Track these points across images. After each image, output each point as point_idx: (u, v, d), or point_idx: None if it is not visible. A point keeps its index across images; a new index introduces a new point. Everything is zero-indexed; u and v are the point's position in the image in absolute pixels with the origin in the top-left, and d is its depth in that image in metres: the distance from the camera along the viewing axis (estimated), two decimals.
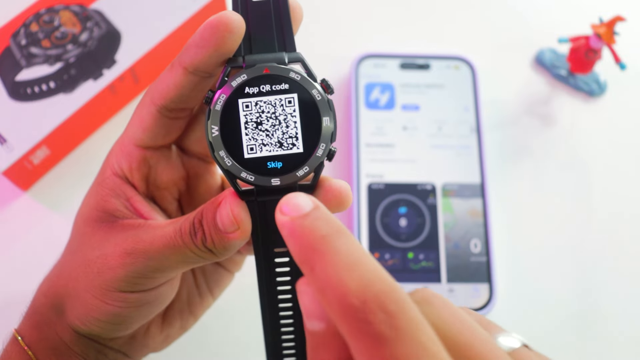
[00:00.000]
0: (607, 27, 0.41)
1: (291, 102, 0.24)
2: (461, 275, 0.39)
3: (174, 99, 0.26)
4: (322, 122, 0.24)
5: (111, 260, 0.26)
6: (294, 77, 0.24)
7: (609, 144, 0.45)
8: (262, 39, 0.25)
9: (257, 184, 0.24)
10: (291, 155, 0.24)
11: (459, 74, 0.45)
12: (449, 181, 0.42)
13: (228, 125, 0.24)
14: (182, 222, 0.26)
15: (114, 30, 0.42)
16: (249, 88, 0.24)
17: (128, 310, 0.28)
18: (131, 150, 0.28)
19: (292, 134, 0.24)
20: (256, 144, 0.24)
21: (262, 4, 0.24)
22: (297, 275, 0.26)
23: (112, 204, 0.28)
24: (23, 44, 0.41)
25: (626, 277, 0.41)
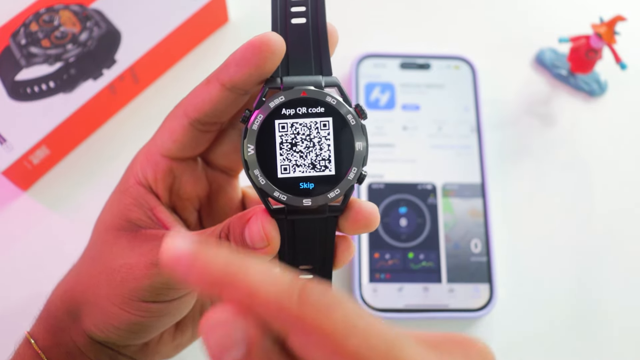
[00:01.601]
0: (608, 27, 0.41)
1: (326, 126, 0.25)
2: (461, 275, 0.39)
3: (208, 113, 0.26)
4: (355, 147, 0.25)
5: (136, 270, 0.26)
6: (329, 102, 0.25)
7: (610, 143, 0.45)
8: (300, 62, 0.25)
9: (289, 203, 0.24)
10: (323, 177, 0.25)
11: (459, 73, 0.45)
12: (449, 181, 0.42)
13: (263, 145, 0.24)
14: (208, 235, 0.26)
15: (113, 29, 0.42)
16: (285, 110, 0.24)
17: (149, 319, 0.28)
18: (158, 160, 0.28)
19: (325, 157, 0.25)
20: (290, 164, 0.25)
21: (301, 26, 0.25)
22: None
23: (135, 213, 0.28)
24: (23, 43, 0.41)
25: (627, 276, 0.41)
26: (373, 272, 0.39)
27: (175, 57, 0.45)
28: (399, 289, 0.39)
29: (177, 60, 0.46)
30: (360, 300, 0.38)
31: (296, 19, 0.25)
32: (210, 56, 0.46)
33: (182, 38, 0.44)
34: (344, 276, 0.40)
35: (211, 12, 0.44)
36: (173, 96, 0.45)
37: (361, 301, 0.38)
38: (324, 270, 0.27)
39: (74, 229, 0.41)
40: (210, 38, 0.47)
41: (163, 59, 0.44)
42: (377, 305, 0.38)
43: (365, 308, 0.38)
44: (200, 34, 0.46)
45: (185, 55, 0.46)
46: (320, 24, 0.25)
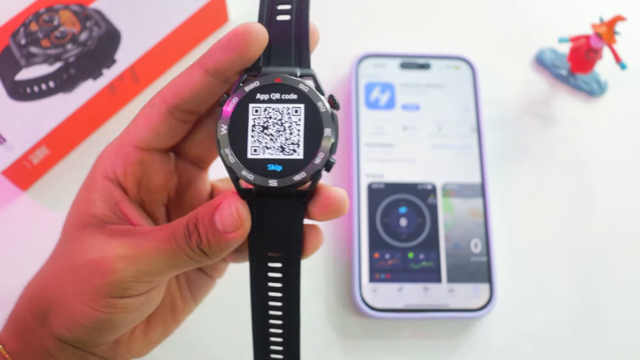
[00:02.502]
0: (608, 27, 0.41)
1: (297, 112, 0.26)
2: (461, 275, 0.39)
3: (187, 99, 0.27)
4: (324, 133, 0.26)
5: (103, 266, 0.26)
6: (302, 89, 0.26)
7: (610, 143, 0.45)
8: (281, 54, 0.27)
9: (255, 182, 0.25)
10: (291, 161, 0.25)
11: (459, 73, 0.45)
12: (449, 181, 0.42)
13: (236, 126, 0.26)
14: (174, 225, 0.26)
15: (113, 29, 0.42)
16: (260, 94, 0.26)
17: (117, 316, 0.27)
18: (129, 151, 0.28)
19: (294, 141, 0.26)
20: (260, 146, 0.26)
21: (285, 23, 0.27)
22: (289, 282, 0.28)
23: (100, 209, 0.28)
24: (22, 43, 0.41)
25: (627, 276, 0.41)
26: (373, 272, 0.39)
27: (175, 57, 0.45)
28: (399, 289, 0.39)
29: (177, 60, 0.46)
30: (360, 300, 0.38)
31: (281, 16, 0.27)
32: None
33: (182, 38, 0.44)
34: (344, 276, 0.40)
35: (211, 12, 0.44)
36: None
37: (361, 301, 0.38)
38: (291, 257, 0.27)
39: None
40: (210, 38, 0.47)
41: (163, 58, 0.44)
42: (377, 305, 0.38)
43: (365, 308, 0.38)
44: (200, 33, 0.46)
45: (185, 55, 0.46)
46: (302, 22, 0.27)
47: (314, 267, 0.40)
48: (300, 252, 0.27)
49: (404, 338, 0.39)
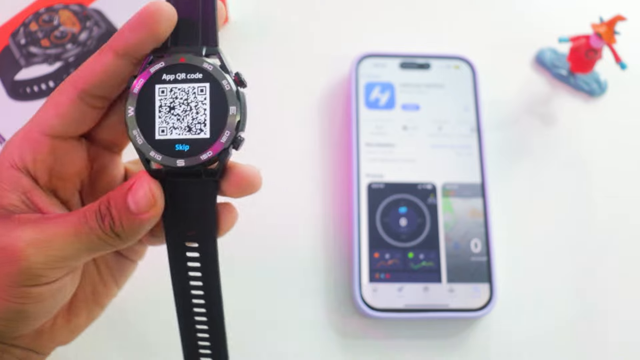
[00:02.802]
0: (608, 27, 0.41)
1: (203, 91, 0.26)
2: (461, 275, 0.39)
3: (97, 83, 0.26)
4: (229, 111, 0.26)
5: (11, 253, 0.25)
6: (206, 68, 0.26)
7: (610, 144, 0.45)
8: (188, 33, 0.26)
9: (163, 163, 0.26)
10: (198, 140, 0.26)
11: (459, 73, 0.45)
12: (449, 181, 0.42)
13: (143, 107, 0.26)
14: (85, 210, 0.26)
15: (113, 29, 0.42)
16: (166, 75, 0.26)
17: (31, 306, 0.27)
18: (38, 139, 0.27)
19: (201, 120, 0.26)
20: (167, 126, 0.26)
21: (190, 1, 0.26)
22: (207, 261, 0.28)
23: (7, 199, 0.27)
24: (22, 43, 0.41)
25: (627, 277, 0.41)
26: (373, 272, 0.39)
27: None
28: (399, 289, 0.39)
29: None
30: (360, 300, 0.38)
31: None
32: None
33: None
34: (344, 276, 0.40)
35: None
36: None
37: (361, 301, 0.38)
38: (207, 235, 0.28)
39: None
40: None
41: None
42: (377, 305, 0.38)
43: (365, 308, 0.38)
44: None
45: None
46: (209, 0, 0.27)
47: (314, 267, 0.40)
48: (215, 229, 0.28)
49: (404, 338, 0.39)
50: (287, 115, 0.44)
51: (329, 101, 0.45)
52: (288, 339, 0.39)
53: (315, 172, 0.43)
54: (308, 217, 0.42)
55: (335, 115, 0.45)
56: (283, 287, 0.40)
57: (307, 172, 0.43)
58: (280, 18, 0.47)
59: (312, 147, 0.44)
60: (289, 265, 0.40)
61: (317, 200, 0.42)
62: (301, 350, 0.39)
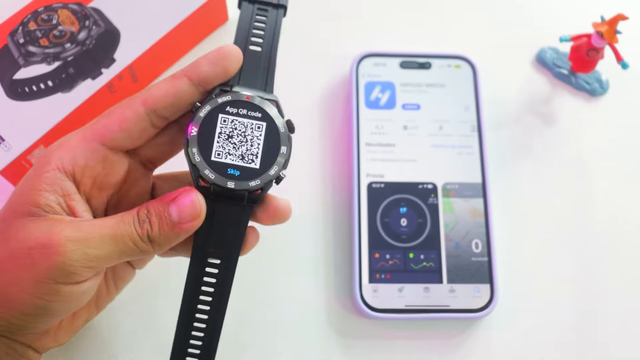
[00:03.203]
0: (609, 26, 0.41)
1: (260, 128, 0.30)
2: (462, 276, 0.39)
3: (167, 105, 0.29)
4: (280, 150, 0.30)
5: (48, 249, 0.26)
6: (267, 110, 0.30)
7: (611, 143, 0.45)
8: (250, 78, 0.31)
9: (215, 182, 0.28)
10: (248, 169, 0.29)
11: (459, 73, 0.45)
12: (450, 181, 0.41)
13: (205, 130, 0.29)
14: (123, 214, 0.28)
15: (112, 28, 0.42)
16: (230, 107, 0.29)
17: (57, 304, 0.27)
18: (96, 147, 0.29)
19: (253, 152, 0.29)
20: (223, 151, 0.29)
21: (256, 53, 0.31)
22: (224, 278, 0.31)
23: (45, 199, 0.28)
24: (21, 42, 0.41)
25: (628, 277, 0.41)
26: (373, 273, 0.39)
27: (174, 56, 0.45)
28: (400, 290, 0.39)
29: (177, 60, 0.45)
30: (360, 300, 0.38)
31: (253, 47, 0.31)
32: None
33: (181, 37, 0.43)
34: (344, 276, 0.40)
35: (211, 11, 0.44)
36: None
37: (361, 301, 0.38)
38: (231, 255, 0.30)
39: None
40: (209, 37, 0.46)
41: (162, 58, 0.44)
42: (378, 305, 0.38)
43: (365, 308, 0.38)
44: (199, 32, 0.45)
45: (184, 55, 0.46)
46: (272, 55, 0.31)
47: (314, 267, 0.40)
48: (239, 251, 0.30)
49: (404, 339, 0.39)
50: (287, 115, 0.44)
51: (329, 101, 0.45)
52: (288, 339, 0.39)
53: (315, 171, 0.43)
54: (308, 216, 0.41)
55: (336, 115, 0.44)
56: (283, 287, 0.40)
57: (307, 172, 0.43)
58: None
59: (312, 146, 0.43)
60: (289, 265, 0.40)
61: (317, 200, 0.42)
62: (301, 350, 0.38)
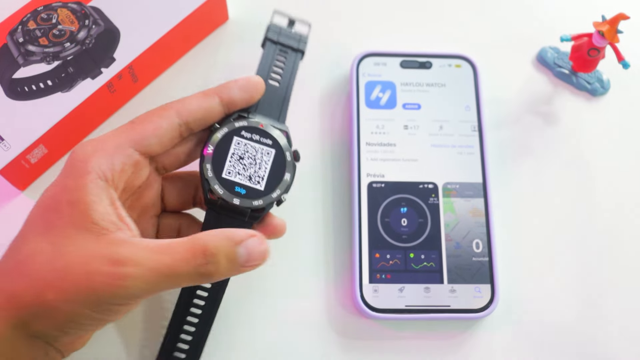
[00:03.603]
0: (610, 25, 0.41)
1: (269, 154, 0.33)
2: (463, 276, 0.39)
3: (197, 118, 0.32)
4: (284, 177, 0.33)
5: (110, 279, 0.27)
6: (277, 139, 0.34)
7: (612, 143, 0.45)
8: (267, 108, 0.35)
9: (223, 197, 0.32)
10: (254, 189, 0.32)
11: (460, 72, 0.44)
12: (451, 180, 0.41)
13: (220, 149, 0.33)
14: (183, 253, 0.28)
15: (112, 28, 0.41)
16: (245, 132, 0.33)
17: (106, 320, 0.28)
18: (131, 153, 0.30)
19: (260, 175, 0.33)
20: (233, 170, 0.32)
21: (274, 87, 0.36)
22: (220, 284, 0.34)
23: (98, 213, 0.28)
24: (20, 41, 0.41)
25: (629, 276, 0.41)
26: (373, 273, 0.39)
27: (174, 56, 0.45)
28: (400, 290, 0.39)
29: (177, 59, 0.45)
30: (360, 300, 0.38)
31: (272, 81, 0.36)
32: (210, 54, 0.46)
33: (181, 36, 0.43)
34: (344, 276, 0.40)
35: (211, 10, 0.44)
36: (172, 95, 0.45)
37: (361, 301, 0.38)
38: None
39: None
40: (210, 36, 0.46)
41: (162, 57, 0.44)
42: (378, 305, 0.38)
43: (365, 309, 0.38)
44: (199, 32, 0.45)
45: (184, 54, 0.46)
46: (288, 91, 0.36)
47: (314, 267, 0.40)
48: None
49: (404, 339, 0.39)
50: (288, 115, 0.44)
51: (330, 100, 0.45)
52: (288, 339, 0.38)
53: (315, 171, 0.43)
54: (308, 216, 0.41)
55: (336, 114, 0.44)
56: (283, 287, 0.40)
57: (308, 172, 0.42)
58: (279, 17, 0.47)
59: (312, 146, 0.43)
60: (289, 265, 0.40)
61: (317, 199, 0.42)
62: (301, 350, 0.38)
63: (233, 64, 0.45)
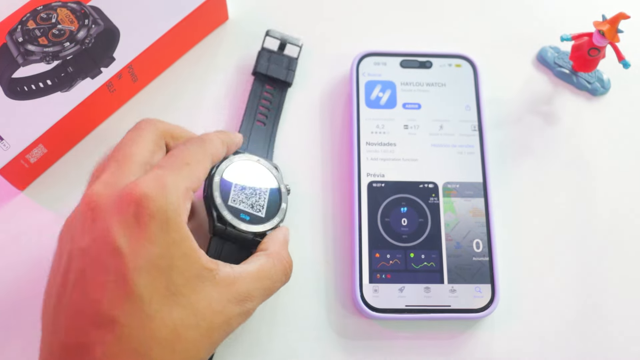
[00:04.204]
0: (611, 25, 0.40)
1: (267, 185, 0.38)
2: (463, 276, 0.39)
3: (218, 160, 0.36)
4: (281, 206, 0.38)
5: (244, 318, 0.31)
6: (272, 172, 0.39)
7: (612, 143, 0.45)
8: (255, 147, 0.41)
9: (231, 223, 0.36)
10: (256, 216, 0.37)
11: (460, 72, 0.44)
12: (451, 180, 0.41)
13: (226, 180, 0.37)
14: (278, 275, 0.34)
15: (112, 27, 0.41)
16: (245, 165, 0.38)
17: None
18: (191, 195, 0.31)
19: (261, 204, 0.37)
20: (237, 199, 0.36)
21: (261, 128, 0.42)
22: None
23: (202, 255, 0.29)
24: (20, 41, 0.40)
25: (630, 276, 0.41)
26: (373, 273, 0.39)
27: (174, 55, 0.45)
28: (400, 289, 0.38)
29: (177, 59, 0.45)
30: (360, 300, 0.38)
31: (259, 124, 0.42)
32: (210, 54, 0.46)
33: (181, 36, 0.43)
34: (344, 276, 0.40)
35: (211, 9, 0.44)
36: (172, 94, 0.45)
37: (361, 301, 0.38)
38: None
39: None
40: (209, 36, 0.46)
41: (162, 57, 0.44)
42: (378, 305, 0.38)
43: (365, 308, 0.38)
44: (199, 31, 0.45)
45: (184, 54, 0.45)
46: (273, 132, 0.42)
47: (314, 267, 0.40)
48: None
49: (405, 339, 0.39)
50: (288, 115, 0.44)
51: (330, 100, 0.45)
52: (288, 339, 0.38)
53: (315, 171, 0.43)
54: (308, 216, 0.41)
55: (336, 114, 0.44)
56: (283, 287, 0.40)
57: (308, 171, 0.42)
58: (279, 16, 0.47)
59: (312, 146, 0.43)
60: None
61: (317, 199, 0.42)
62: (301, 350, 0.38)
63: (233, 64, 0.45)
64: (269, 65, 0.43)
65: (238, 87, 0.44)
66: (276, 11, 0.47)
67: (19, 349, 0.37)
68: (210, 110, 0.44)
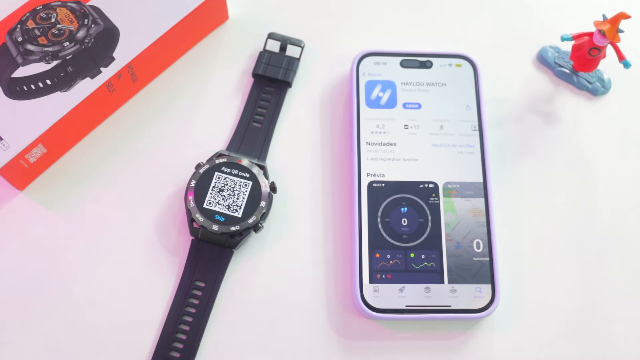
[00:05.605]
0: (611, 24, 0.40)
1: (246, 186, 0.38)
2: (463, 276, 0.39)
3: None
4: (260, 204, 0.38)
5: None
6: (254, 172, 0.39)
7: (613, 143, 0.45)
8: (248, 147, 0.41)
9: (203, 224, 0.37)
10: (232, 217, 0.37)
11: (460, 72, 0.44)
12: (451, 180, 0.41)
13: (202, 184, 0.38)
14: None
15: (111, 27, 0.41)
16: (225, 167, 0.39)
17: None
18: None
19: (238, 204, 0.37)
20: (213, 201, 0.37)
21: (256, 128, 0.42)
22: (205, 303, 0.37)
23: None
24: (19, 40, 0.40)
25: (630, 277, 0.41)
26: (374, 273, 0.39)
27: (174, 55, 0.45)
28: (400, 290, 0.38)
29: (176, 58, 0.45)
30: (360, 300, 0.38)
31: (255, 124, 0.42)
32: (210, 54, 0.46)
33: (181, 36, 0.43)
34: (344, 276, 0.40)
35: (211, 9, 0.44)
36: (172, 94, 0.45)
37: (362, 301, 0.38)
38: (213, 290, 0.37)
39: (71, 229, 0.40)
40: (209, 36, 0.46)
41: (162, 56, 0.44)
42: (378, 305, 0.38)
43: (365, 309, 0.38)
44: (199, 31, 0.45)
45: (184, 53, 0.45)
46: (268, 133, 0.42)
47: (314, 267, 0.40)
48: (219, 285, 0.38)
49: (405, 339, 0.39)
50: (288, 115, 0.44)
51: (330, 100, 0.45)
52: (288, 339, 0.38)
53: (316, 171, 0.42)
54: (308, 216, 0.41)
55: (336, 114, 0.44)
56: (283, 287, 0.40)
57: (308, 171, 0.42)
58: (279, 16, 0.47)
59: (312, 146, 0.43)
60: (289, 265, 0.40)
61: (317, 199, 0.42)
62: (301, 350, 0.38)
63: (233, 64, 0.45)
64: (268, 66, 0.43)
65: (238, 87, 0.44)
66: (276, 11, 0.47)
67: (18, 348, 0.37)
68: (210, 110, 0.44)
